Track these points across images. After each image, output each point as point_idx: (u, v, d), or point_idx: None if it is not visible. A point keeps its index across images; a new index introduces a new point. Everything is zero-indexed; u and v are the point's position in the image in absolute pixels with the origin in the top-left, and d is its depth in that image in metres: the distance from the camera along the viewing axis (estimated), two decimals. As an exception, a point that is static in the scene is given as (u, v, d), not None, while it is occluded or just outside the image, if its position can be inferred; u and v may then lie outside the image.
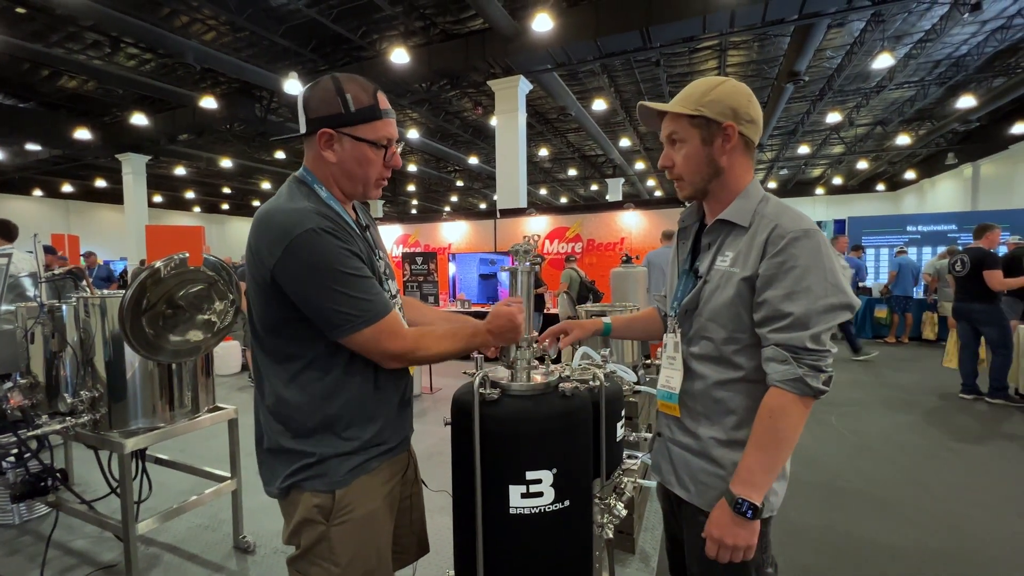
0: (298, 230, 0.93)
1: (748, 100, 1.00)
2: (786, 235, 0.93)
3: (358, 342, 0.98)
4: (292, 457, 1.01)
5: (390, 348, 1.00)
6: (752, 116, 1.01)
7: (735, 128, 0.99)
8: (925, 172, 17.09)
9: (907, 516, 2.66)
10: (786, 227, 0.94)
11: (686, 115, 1.00)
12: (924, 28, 8.13)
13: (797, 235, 0.92)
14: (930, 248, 8.85)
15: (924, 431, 3.97)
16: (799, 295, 0.90)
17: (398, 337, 1.01)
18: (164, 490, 2.72)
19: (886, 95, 11.14)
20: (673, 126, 1.04)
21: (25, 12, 6.90)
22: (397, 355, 1.01)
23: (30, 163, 13.60)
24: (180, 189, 19.25)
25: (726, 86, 1.00)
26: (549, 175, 18.37)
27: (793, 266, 0.91)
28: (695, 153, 1.02)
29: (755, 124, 1.02)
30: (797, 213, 0.98)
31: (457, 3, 6.97)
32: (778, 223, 0.95)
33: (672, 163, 1.06)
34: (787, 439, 0.92)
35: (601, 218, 7.36)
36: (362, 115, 1.02)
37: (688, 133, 1.02)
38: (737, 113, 0.99)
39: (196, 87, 9.49)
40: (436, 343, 1.05)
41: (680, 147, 1.04)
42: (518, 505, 1.07)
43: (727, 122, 0.98)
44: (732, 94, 0.99)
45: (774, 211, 0.99)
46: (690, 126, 1.01)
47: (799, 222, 0.94)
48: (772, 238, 0.94)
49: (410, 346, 1.02)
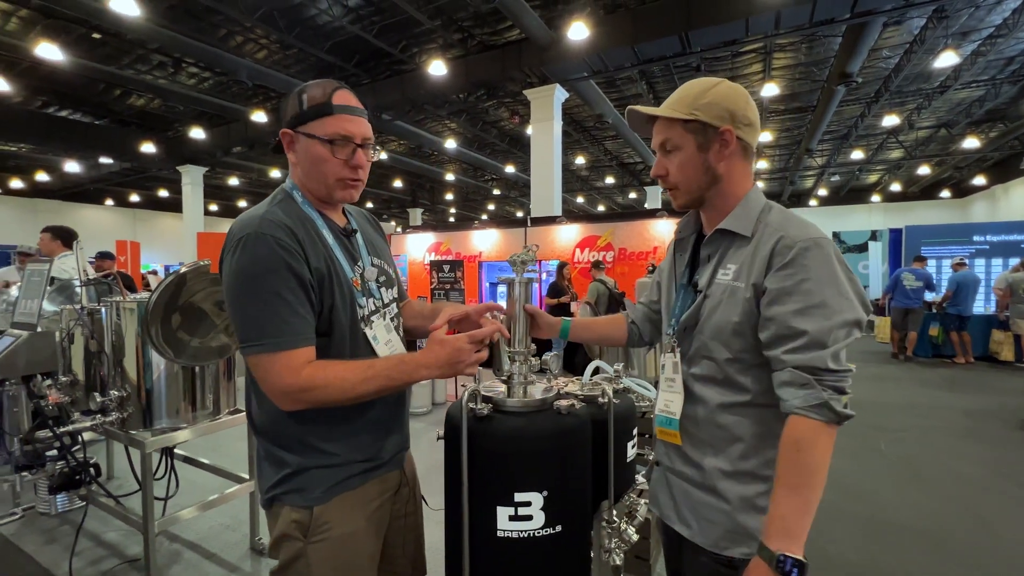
0: (241, 233, 0.93)
1: (746, 102, 0.93)
2: (794, 245, 0.85)
3: (252, 366, 0.93)
4: (275, 467, 1.00)
5: (278, 383, 0.90)
6: (750, 119, 0.94)
7: (733, 132, 0.92)
8: (997, 177, 15.77)
9: (961, 556, 2.39)
10: (794, 237, 0.86)
11: (680, 120, 0.94)
12: (994, 23, 7.53)
13: (807, 245, 0.84)
14: (1000, 260, 8.09)
15: (986, 462, 3.59)
16: (813, 311, 0.82)
17: (292, 372, 0.91)
18: (193, 488, 2.83)
19: (951, 95, 10.38)
20: (666, 132, 0.97)
21: (100, 37, 7.53)
22: (286, 391, 0.91)
23: (103, 175, 14.77)
24: (233, 198, 20.38)
25: (722, 87, 0.93)
26: (586, 183, 18.22)
27: (804, 279, 0.83)
28: (690, 161, 0.95)
29: (753, 127, 0.95)
30: (803, 221, 0.90)
31: (494, 15, 7.06)
32: (784, 232, 0.87)
33: (666, 172, 0.99)
34: (819, 474, 0.80)
35: (633, 227, 7.20)
36: (313, 112, 0.99)
37: (682, 139, 0.94)
38: (735, 116, 0.92)
39: (249, 103, 10.05)
40: (346, 382, 0.92)
41: (674, 155, 0.97)
42: (506, 528, 1.02)
43: (724, 126, 0.91)
44: (729, 96, 0.92)
45: (779, 220, 0.91)
46: (684, 131, 0.94)
47: (807, 230, 0.87)
48: (779, 249, 0.86)
49: (303, 384, 0.90)
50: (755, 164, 1.04)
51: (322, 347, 0.98)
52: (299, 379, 0.91)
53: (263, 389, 0.94)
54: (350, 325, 1.02)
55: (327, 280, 0.98)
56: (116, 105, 10.40)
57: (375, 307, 1.08)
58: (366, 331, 1.04)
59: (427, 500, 1.31)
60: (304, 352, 0.92)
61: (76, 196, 18.23)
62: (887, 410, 4.89)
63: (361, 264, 1.09)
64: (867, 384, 6.00)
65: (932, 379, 6.34)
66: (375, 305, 1.09)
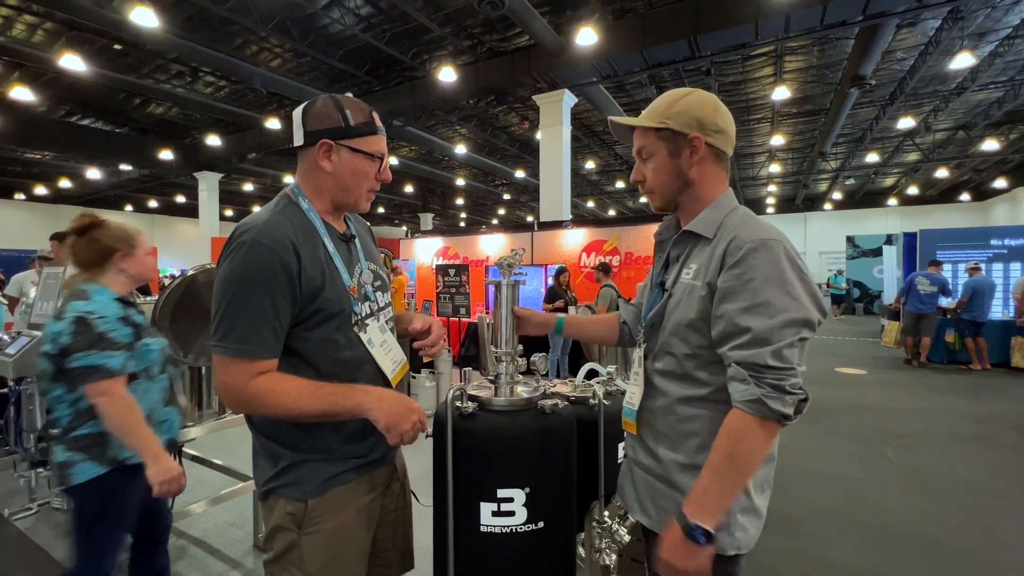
0: (241, 238, 0.97)
1: (714, 110, 0.98)
2: (743, 246, 0.89)
3: (214, 362, 0.98)
4: (271, 461, 1.04)
5: (230, 385, 0.95)
6: (720, 126, 0.98)
7: (701, 139, 0.97)
8: (1019, 180, 15.42)
9: (970, 567, 2.35)
10: (743, 237, 0.90)
11: (653, 128, 1.00)
12: (1011, 23, 7.40)
13: (755, 245, 0.88)
14: (1019, 264, 7.90)
15: (998, 470, 3.50)
16: (757, 309, 0.85)
17: (245, 378, 0.94)
18: (202, 486, 2.90)
19: (968, 97, 10.20)
20: (641, 140, 1.04)
21: (121, 48, 7.77)
22: (234, 395, 0.96)
23: (123, 181, 15.17)
24: (248, 203, 20.76)
25: (691, 97, 0.99)
26: (596, 187, 18.22)
27: (751, 278, 0.87)
28: (663, 166, 1.01)
29: (724, 134, 0.99)
30: (760, 224, 0.93)
31: (503, 22, 7.14)
32: (737, 233, 0.91)
33: (643, 177, 1.05)
34: (745, 465, 0.86)
35: (640, 231, 7.18)
36: (359, 130, 1.07)
37: (655, 147, 1.01)
38: (703, 124, 0.97)
39: (263, 110, 10.26)
40: (288, 398, 0.95)
41: (649, 161, 1.03)
42: (489, 523, 1.05)
43: (692, 133, 0.97)
44: (697, 105, 0.98)
45: (735, 221, 0.95)
46: (657, 139, 1.01)
47: (758, 232, 0.90)
48: (730, 249, 0.90)
49: (251, 392, 0.95)
50: (730, 169, 1.08)
51: (311, 351, 1.02)
52: (248, 387, 0.95)
53: (216, 384, 0.99)
54: (345, 330, 1.05)
55: (321, 291, 1.01)
56: (136, 114, 10.70)
57: (371, 310, 1.12)
58: (360, 335, 1.07)
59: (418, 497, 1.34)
60: (264, 364, 0.96)
61: (97, 202, 18.76)
62: (896, 415, 4.79)
63: (359, 268, 1.13)
64: (877, 390, 5.90)
65: (945, 385, 6.19)
66: (371, 308, 1.12)
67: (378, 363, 1.10)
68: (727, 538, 0.93)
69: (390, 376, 1.12)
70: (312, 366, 1.02)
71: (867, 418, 4.67)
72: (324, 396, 0.96)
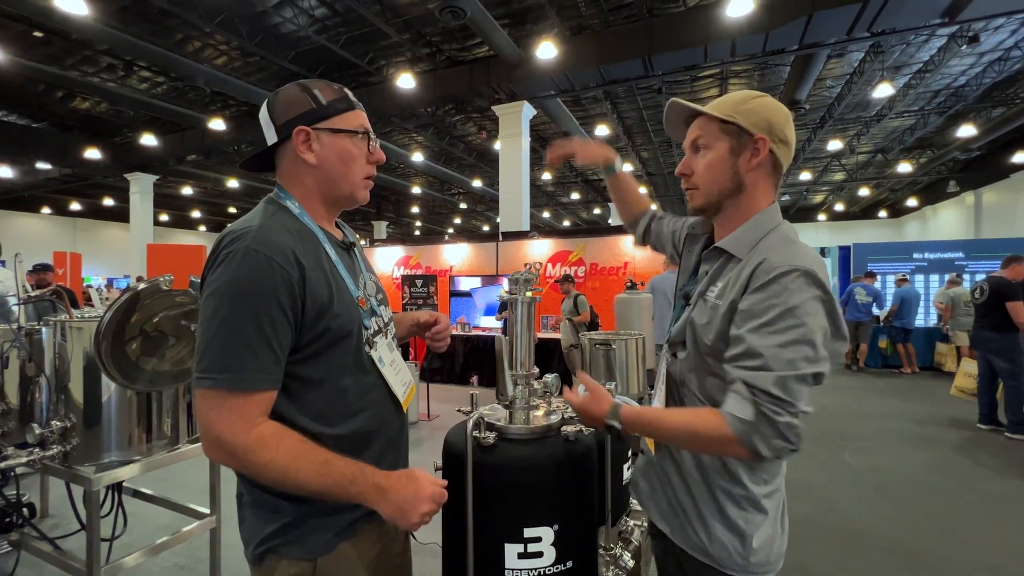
0: (230, 247, 0.82)
1: (785, 119, 0.93)
2: (771, 270, 0.83)
3: (197, 397, 0.80)
4: (268, 515, 0.88)
5: (221, 428, 0.78)
6: (787, 137, 0.93)
7: (767, 143, 0.90)
8: (927, 199, 17.13)
9: (935, 568, 2.48)
10: (772, 261, 0.84)
11: (718, 119, 0.92)
12: (923, 59, 8.22)
13: (783, 271, 0.82)
14: (937, 276, 8.72)
15: (944, 469, 3.79)
16: (773, 335, 0.81)
17: (242, 423, 0.78)
18: (142, 524, 2.58)
19: (886, 123, 11.23)
20: (701, 131, 0.95)
21: (42, 36, 7.05)
22: (224, 443, 0.78)
23: (40, 181, 13.75)
24: (186, 208, 19.43)
25: (764, 100, 0.93)
26: (552, 199, 18.47)
27: (773, 304, 0.82)
28: (719, 161, 0.93)
29: (787, 145, 0.94)
30: (795, 249, 0.86)
31: (463, 31, 7.10)
32: (767, 256, 0.86)
33: (691, 171, 0.97)
34: (691, 445, 0.90)
35: (604, 242, 7.30)
36: (335, 107, 0.93)
37: (716, 139, 0.93)
38: (772, 128, 0.91)
39: (206, 110, 9.64)
40: (293, 467, 0.79)
41: (703, 154, 0.95)
42: (514, 566, 0.95)
43: (760, 134, 0.90)
44: (770, 108, 0.92)
45: (770, 244, 0.89)
46: (720, 132, 0.92)
47: (789, 258, 0.84)
48: (757, 272, 0.85)
49: (249, 443, 0.77)
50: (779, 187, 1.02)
51: (324, 376, 0.88)
52: (248, 435, 0.78)
53: (198, 424, 0.80)
54: (355, 351, 0.92)
55: (328, 308, 0.87)
56: (58, 108, 9.76)
57: (379, 326, 0.99)
58: (371, 353, 0.94)
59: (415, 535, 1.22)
60: (261, 397, 0.81)
61: (8, 203, 16.88)
62: (847, 419, 5.10)
63: (363, 279, 1.00)
64: (824, 394, 6.27)
65: (883, 388, 6.69)
66: (379, 324, 0.99)
67: (389, 385, 0.97)
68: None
69: (401, 399, 0.99)
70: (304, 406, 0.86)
71: (821, 420, 4.94)
72: (332, 473, 0.80)
